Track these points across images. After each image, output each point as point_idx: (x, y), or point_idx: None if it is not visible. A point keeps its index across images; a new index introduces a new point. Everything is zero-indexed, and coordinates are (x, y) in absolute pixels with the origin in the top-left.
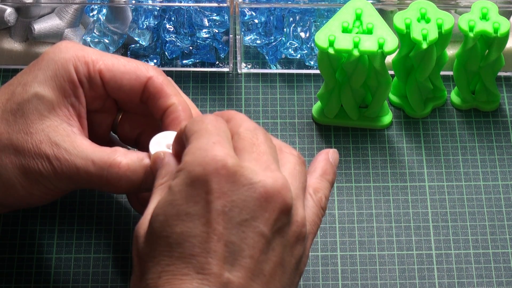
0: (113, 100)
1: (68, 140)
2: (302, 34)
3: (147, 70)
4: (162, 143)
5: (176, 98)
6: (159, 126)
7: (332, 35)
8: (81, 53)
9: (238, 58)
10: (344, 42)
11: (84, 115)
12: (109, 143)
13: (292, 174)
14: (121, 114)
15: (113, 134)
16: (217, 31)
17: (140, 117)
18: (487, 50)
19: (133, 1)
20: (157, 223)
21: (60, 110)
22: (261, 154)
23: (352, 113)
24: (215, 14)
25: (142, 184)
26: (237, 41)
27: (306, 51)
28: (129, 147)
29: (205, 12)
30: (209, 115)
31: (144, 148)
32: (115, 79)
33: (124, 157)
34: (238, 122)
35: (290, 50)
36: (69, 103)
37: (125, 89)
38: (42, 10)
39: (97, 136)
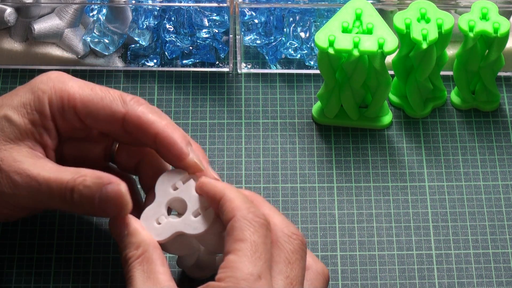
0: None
1: (31, 160)
2: (302, 34)
3: (123, 105)
4: (167, 183)
5: (161, 124)
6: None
7: (332, 35)
8: (59, 86)
9: (238, 58)
10: (344, 42)
11: (52, 146)
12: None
13: None
14: (117, 144)
15: (112, 164)
16: (217, 31)
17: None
18: (487, 50)
19: (133, 1)
20: None
21: (27, 137)
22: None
23: (352, 113)
24: (215, 14)
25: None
26: (237, 41)
27: (306, 51)
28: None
29: (205, 12)
30: (256, 216)
31: (145, 176)
32: (91, 115)
33: (88, 178)
34: (278, 226)
35: (290, 50)
36: (38, 132)
37: (102, 124)
38: (42, 10)
39: (89, 166)
